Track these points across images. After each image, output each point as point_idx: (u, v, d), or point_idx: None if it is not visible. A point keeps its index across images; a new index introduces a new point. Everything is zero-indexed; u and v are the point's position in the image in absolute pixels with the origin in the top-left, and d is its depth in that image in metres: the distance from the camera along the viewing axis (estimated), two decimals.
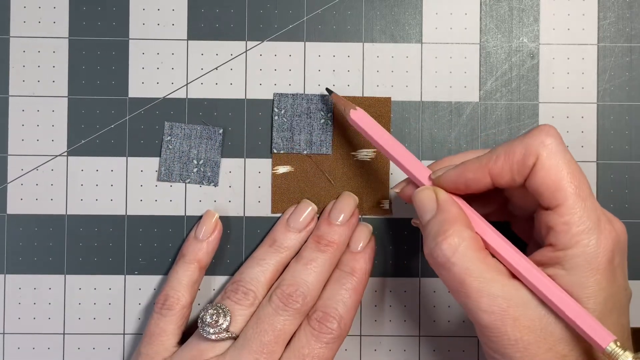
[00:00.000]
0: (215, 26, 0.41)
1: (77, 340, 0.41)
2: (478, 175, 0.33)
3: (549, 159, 0.32)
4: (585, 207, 0.31)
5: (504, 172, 0.33)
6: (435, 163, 0.37)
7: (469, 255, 0.32)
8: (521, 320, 0.31)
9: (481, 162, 0.33)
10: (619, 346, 0.30)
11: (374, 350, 0.41)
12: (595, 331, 0.30)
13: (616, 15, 0.42)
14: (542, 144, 0.32)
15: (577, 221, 0.31)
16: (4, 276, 0.41)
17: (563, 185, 0.31)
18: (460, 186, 0.34)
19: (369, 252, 0.40)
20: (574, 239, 0.31)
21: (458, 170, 0.34)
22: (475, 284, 0.31)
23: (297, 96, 0.41)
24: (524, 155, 0.32)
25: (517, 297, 0.31)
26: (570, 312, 0.31)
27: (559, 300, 0.31)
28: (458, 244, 0.32)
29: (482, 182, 0.34)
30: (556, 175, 0.32)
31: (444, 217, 0.33)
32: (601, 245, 0.31)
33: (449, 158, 0.37)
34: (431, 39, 0.41)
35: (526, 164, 0.32)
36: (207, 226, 0.40)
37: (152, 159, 0.41)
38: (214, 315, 0.37)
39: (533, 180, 0.32)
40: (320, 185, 0.41)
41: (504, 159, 0.33)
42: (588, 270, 0.31)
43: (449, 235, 0.32)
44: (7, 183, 0.41)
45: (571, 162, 0.32)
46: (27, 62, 0.41)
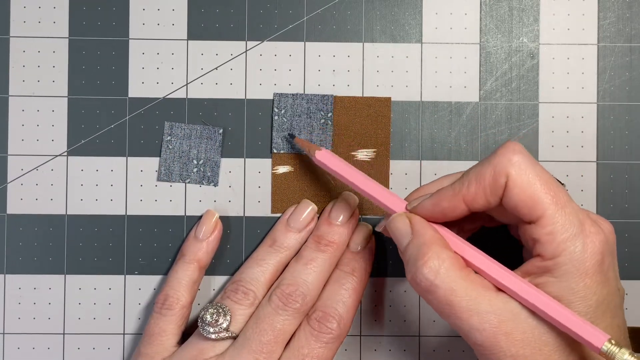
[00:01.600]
0: (215, 26, 0.41)
1: (77, 340, 0.41)
2: (453, 203, 0.33)
3: (520, 176, 0.32)
4: (565, 214, 0.31)
5: (477, 197, 0.33)
6: (410, 194, 0.37)
7: (452, 275, 0.32)
8: (514, 334, 0.31)
9: (454, 190, 0.33)
10: (614, 344, 0.30)
11: (374, 350, 0.41)
12: (589, 332, 0.30)
13: (616, 15, 0.42)
14: (509, 162, 0.32)
15: (560, 229, 0.31)
16: (4, 276, 0.41)
17: (539, 197, 0.31)
18: (437, 215, 0.34)
19: (368, 252, 0.40)
20: (560, 247, 0.31)
21: (433, 200, 0.34)
22: (463, 303, 0.31)
23: (297, 96, 0.41)
24: (494, 176, 0.32)
25: (507, 311, 0.31)
26: (560, 318, 0.30)
27: (547, 307, 0.31)
28: (439, 265, 0.32)
29: (459, 210, 0.34)
30: (530, 189, 0.32)
31: (421, 241, 0.33)
32: (588, 249, 0.31)
33: (423, 187, 0.37)
34: (431, 39, 0.41)
35: (498, 185, 0.32)
36: (207, 226, 0.40)
37: (152, 159, 0.41)
38: (214, 315, 0.37)
39: (508, 199, 0.32)
40: (320, 185, 0.41)
41: (475, 184, 0.33)
42: (577, 275, 0.31)
43: (428, 258, 0.32)
44: (7, 183, 0.41)
45: (542, 173, 0.32)
46: (27, 62, 0.41)
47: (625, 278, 0.41)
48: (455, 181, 0.34)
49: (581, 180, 0.41)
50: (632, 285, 0.41)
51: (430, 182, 0.37)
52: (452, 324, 0.32)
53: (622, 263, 0.41)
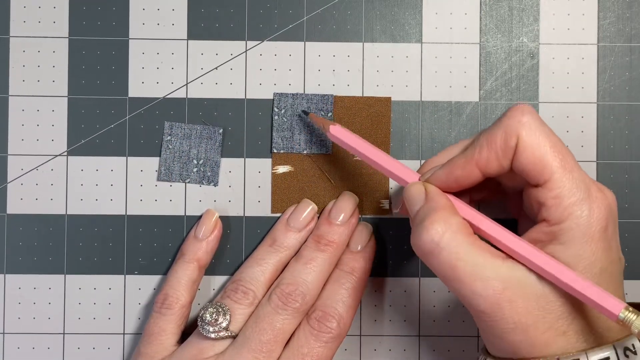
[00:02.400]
0: (215, 26, 0.41)
1: (77, 340, 0.41)
2: (466, 170, 0.33)
3: (529, 136, 0.32)
4: (573, 179, 0.31)
5: (490, 161, 0.33)
6: (422, 165, 0.37)
7: (458, 239, 0.31)
8: (518, 302, 0.31)
9: (467, 157, 0.33)
10: (632, 311, 0.30)
11: (374, 350, 0.41)
12: (606, 300, 0.30)
13: (616, 15, 0.42)
14: (519, 123, 0.32)
15: (567, 193, 0.31)
16: (4, 276, 0.41)
17: (547, 159, 0.31)
18: (451, 184, 0.34)
19: (368, 252, 0.40)
20: (567, 211, 0.31)
21: (446, 169, 0.34)
22: (467, 267, 0.31)
23: (297, 96, 0.41)
24: (504, 138, 0.32)
25: (512, 278, 0.31)
26: (576, 285, 0.30)
27: (562, 274, 0.30)
28: (445, 229, 0.31)
29: (472, 176, 0.33)
30: (539, 151, 0.31)
31: (431, 206, 0.33)
32: (594, 214, 0.31)
33: (433, 159, 0.37)
34: (431, 39, 0.41)
35: (509, 146, 0.32)
36: (207, 225, 0.40)
37: (152, 159, 0.41)
38: (214, 314, 0.37)
39: (518, 161, 0.32)
40: (320, 185, 0.41)
41: (487, 148, 0.33)
42: (583, 241, 0.31)
43: (435, 220, 0.32)
44: (7, 183, 0.41)
45: (551, 135, 0.32)
46: (27, 62, 0.41)
47: (625, 278, 0.41)
48: (467, 148, 0.34)
49: None
50: (632, 285, 0.41)
51: (439, 153, 0.37)
52: (454, 288, 0.32)
53: None
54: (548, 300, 0.31)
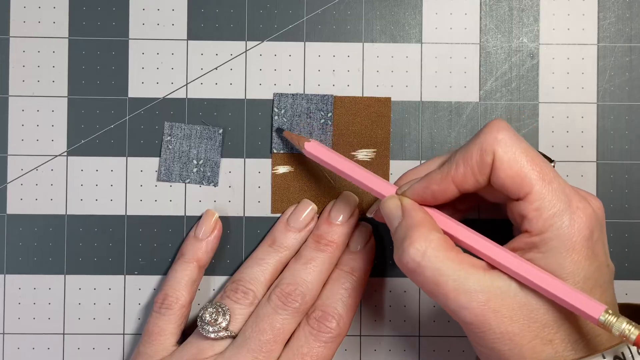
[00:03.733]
0: (215, 26, 0.41)
1: (77, 340, 0.41)
2: (443, 186, 0.34)
3: (506, 153, 0.32)
4: (552, 190, 0.32)
5: (466, 177, 0.33)
6: (400, 178, 0.37)
7: (438, 255, 0.32)
8: (502, 311, 0.31)
9: (443, 173, 0.34)
10: (612, 314, 0.30)
11: (374, 350, 0.41)
12: (585, 303, 0.30)
13: (616, 15, 0.42)
14: (495, 140, 0.32)
15: (547, 205, 0.31)
16: (4, 276, 0.41)
17: (526, 173, 0.32)
18: (427, 198, 0.34)
19: (368, 252, 0.40)
20: (547, 222, 0.31)
21: (423, 183, 0.34)
22: (450, 282, 0.31)
23: (297, 96, 0.41)
24: (480, 155, 0.32)
25: (495, 288, 0.31)
26: (556, 290, 0.31)
27: (542, 281, 0.31)
28: (425, 247, 0.32)
29: (449, 192, 0.34)
30: (517, 166, 0.32)
31: (409, 222, 0.33)
32: (575, 224, 0.31)
33: (411, 171, 0.37)
34: (431, 39, 0.41)
35: (485, 163, 0.32)
36: (207, 226, 0.40)
37: (152, 159, 0.41)
38: (214, 314, 0.37)
39: (496, 177, 0.32)
40: (320, 185, 0.41)
41: (463, 165, 0.33)
42: (564, 250, 0.31)
43: (415, 239, 0.32)
44: (7, 183, 0.41)
45: (528, 149, 0.32)
46: (27, 62, 0.41)
47: (625, 278, 0.41)
48: (444, 163, 0.34)
49: (581, 180, 0.41)
50: (632, 285, 0.41)
51: (418, 165, 0.37)
52: (441, 303, 0.32)
53: (622, 263, 0.41)
54: (532, 309, 0.31)
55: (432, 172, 0.34)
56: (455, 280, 0.31)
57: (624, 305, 0.36)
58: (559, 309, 0.31)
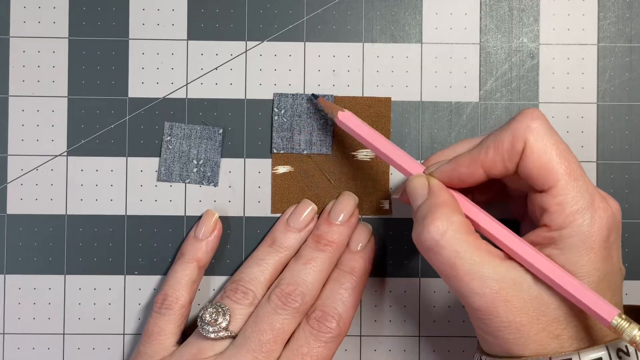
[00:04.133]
0: (215, 26, 0.41)
1: (77, 340, 0.41)
2: (471, 169, 0.33)
3: (537, 142, 0.32)
4: (577, 187, 0.31)
5: (495, 162, 0.33)
6: (429, 158, 0.37)
7: (458, 238, 0.32)
8: (513, 301, 0.31)
9: (473, 156, 0.33)
10: (624, 319, 0.30)
11: (374, 350, 0.41)
12: (600, 306, 0.30)
13: (616, 15, 0.42)
14: (528, 128, 0.32)
15: (571, 201, 0.31)
16: (4, 276, 0.41)
17: (554, 166, 0.31)
18: (454, 180, 0.34)
19: (368, 252, 0.40)
20: (568, 218, 0.31)
21: (451, 165, 0.34)
22: (465, 266, 0.31)
23: (297, 96, 0.41)
24: (512, 142, 0.32)
25: (509, 279, 0.31)
26: (572, 289, 0.30)
27: (559, 277, 0.31)
28: (447, 227, 0.32)
29: (476, 176, 0.34)
30: (546, 157, 0.32)
31: (434, 202, 0.33)
32: (595, 223, 0.31)
33: (442, 152, 0.37)
34: (431, 39, 0.41)
35: (515, 150, 0.32)
36: (207, 226, 0.40)
37: (152, 159, 0.41)
38: (213, 314, 0.37)
39: (524, 165, 0.32)
40: (320, 185, 0.41)
41: (493, 150, 0.33)
42: (582, 249, 0.31)
43: (437, 217, 0.32)
44: (7, 183, 0.41)
45: (559, 142, 0.32)
46: (27, 62, 0.41)
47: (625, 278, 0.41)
48: (474, 147, 0.34)
49: None
50: (632, 285, 0.41)
51: (449, 146, 0.37)
52: (452, 286, 0.32)
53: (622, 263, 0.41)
54: (543, 303, 0.31)
55: (461, 155, 0.34)
56: (471, 264, 0.31)
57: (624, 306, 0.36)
58: (570, 305, 0.31)
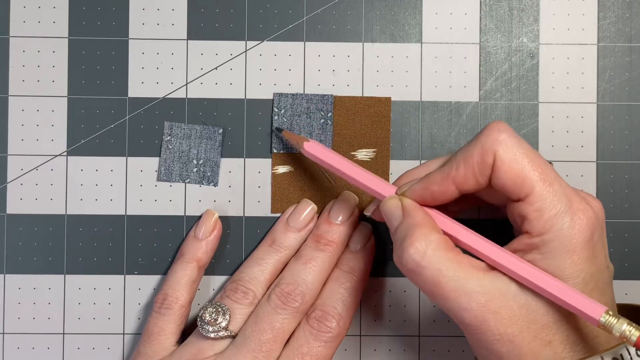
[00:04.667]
0: (215, 26, 0.41)
1: (77, 340, 0.41)
2: (443, 186, 0.34)
3: (507, 154, 0.32)
4: (553, 191, 0.31)
5: (467, 177, 0.33)
6: (399, 178, 0.37)
7: (439, 256, 0.32)
8: (501, 312, 0.31)
9: (443, 173, 0.34)
10: (612, 315, 0.30)
11: (374, 350, 0.41)
12: (586, 305, 0.30)
13: (616, 15, 0.41)
14: (496, 141, 0.32)
15: (548, 206, 0.31)
16: (3, 276, 0.41)
17: (527, 174, 0.32)
18: (427, 199, 0.34)
19: (368, 252, 0.40)
20: (548, 223, 0.31)
21: (422, 184, 0.34)
22: (450, 283, 0.31)
23: (297, 96, 0.41)
24: (481, 155, 0.32)
25: (495, 289, 0.31)
26: (556, 291, 0.30)
27: (542, 282, 0.31)
28: (426, 247, 0.32)
29: (449, 192, 0.34)
30: (518, 166, 0.32)
31: (410, 222, 0.33)
32: (575, 226, 0.31)
33: (411, 172, 0.37)
34: (431, 39, 0.41)
35: (486, 163, 0.32)
36: (207, 226, 0.40)
37: (152, 159, 0.41)
38: (213, 314, 0.37)
39: (497, 178, 0.32)
40: (320, 185, 0.41)
41: (464, 165, 0.33)
42: (564, 252, 0.31)
43: (415, 239, 0.32)
44: (7, 183, 0.41)
45: (529, 151, 0.32)
46: (27, 62, 0.41)
47: (625, 278, 0.41)
48: (444, 164, 0.34)
49: (581, 180, 0.41)
50: (632, 285, 0.41)
51: (418, 166, 0.37)
52: (440, 304, 0.32)
53: (622, 263, 0.41)
54: (531, 310, 0.31)
55: (432, 173, 0.34)
56: (455, 280, 0.31)
57: (624, 305, 0.36)
58: (558, 310, 0.31)
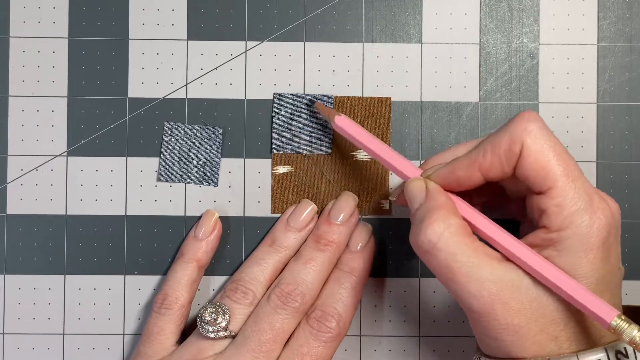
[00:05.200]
0: (215, 26, 0.41)
1: (76, 340, 0.41)
2: (469, 172, 0.33)
3: (534, 144, 0.32)
4: (576, 188, 0.31)
5: (493, 165, 0.33)
6: (426, 161, 0.37)
7: (455, 240, 0.32)
8: (511, 303, 0.31)
9: (470, 159, 0.33)
10: (624, 320, 0.30)
11: (374, 351, 0.41)
12: (599, 307, 0.30)
13: (616, 15, 0.42)
14: (525, 131, 0.32)
15: (569, 202, 0.31)
16: (3, 276, 0.41)
17: (551, 167, 0.31)
18: (452, 184, 0.34)
19: (368, 252, 0.40)
20: (567, 219, 0.31)
21: (448, 168, 0.34)
22: (463, 269, 0.31)
23: (297, 96, 0.41)
24: (509, 144, 0.32)
25: (507, 280, 0.31)
26: (571, 290, 0.30)
27: (557, 279, 0.31)
28: (444, 229, 0.32)
29: (474, 178, 0.34)
30: (543, 158, 0.32)
31: (431, 205, 0.33)
32: (594, 224, 0.31)
33: (438, 155, 0.37)
34: (431, 39, 0.41)
35: (513, 153, 0.32)
36: (207, 226, 0.40)
37: (152, 159, 0.41)
38: (213, 314, 0.37)
39: (522, 167, 0.32)
40: (320, 185, 0.41)
41: (491, 152, 0.33)
42: (581, 250, 0.31)
43: (434, 220, 0.32)
44: (7, 183, 0.41)
45: (556, 144, 0.32)
46: (27, 62, 0.41)
47: (625, 278, 0.41)
48: (472, 150, 0.34)
49: None
50: (632, 285, 0.41)
51: (445, 150, 0.37)
52: (450, 288, 0.32)
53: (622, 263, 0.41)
54: (541, 304, 0.31)
55: (459, 158, 0.34)
56: (468, 266, 0.31)
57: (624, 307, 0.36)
58: (568, 307, 0.31)
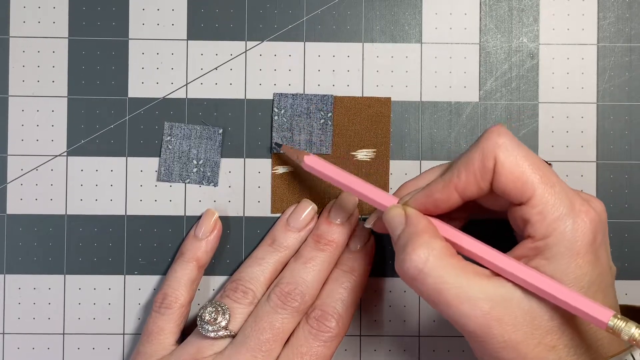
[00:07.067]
0: (214, 26, 0.41)
1: (76, 340, 0.41)
2: (445, 194, 0.33)
3: (507, 157, 0.32)
4: (555, 194, 0.31)
5: (469, 184, 0.33)
6: (399, 189, 0.37)
7: (441, 263, 0.31)
8: (505, 319, 0.31)
9: (445, 181, 0.33)
10: (620, 319, 0.30)
11: (374, 350, 0.41)
12: (594, 309, 0.30)
13: (616, 15, 0.42)
14: (496, 145, 0.32)
15: (550, 209, 0.31)
16: (3, 276, 0.41)
17: (527, 177, 0.32)
18: (430, 207, 0.34)
19: (368, 252, 0.40)
20: (551, 226, 0.31)
21: (425, 192, 0.34)
22: (452, 290, 0.31)
23: (297, 96, 0.41)
24: (482, 160, 0.32)
25: (498, 296, 0.31)
26: (563, 296, 0.30)
27: (549, 287, 0.31)
28: (428, 253, 0.31)
29: (451, 200, 0.34)
30: (518, 169, 0.32)
31: (412, 230, 0.33)
32: (579, 228, 0.31)
33: (409, 183, 0.37)
34: (431, 39, 0.41)
35: (487, 168, 0.32)
36: (207, 225, 0.40)
37: (152, 159, 0.41)
38: (213, 313, 0.37)
39: (498, 182, 0.32)
40: (320, 185, 0.41)
41: (465, 171, 0.33)
42: (569, 256, 0.31)
43: (417, 246, 0.32)
44: (7, 183, 0.41)
45: (529, 154, 0.32)
46: (27, 62, 0.41)
47: (625, 278, 0.41)
48: (445, 171, 0.34)
49: (581, 180, 0.41)
50: (632, 285, 0.41)
51: (416, 176, 0.37)
52: (443, 312, 0.32)
53: (622, 263, 0.41)
54: (535, 316, 0.31)
55: (434, 181, 0.34)
56: (457, 288, 0.31)
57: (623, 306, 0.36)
58: (562, 314, 0.31)
